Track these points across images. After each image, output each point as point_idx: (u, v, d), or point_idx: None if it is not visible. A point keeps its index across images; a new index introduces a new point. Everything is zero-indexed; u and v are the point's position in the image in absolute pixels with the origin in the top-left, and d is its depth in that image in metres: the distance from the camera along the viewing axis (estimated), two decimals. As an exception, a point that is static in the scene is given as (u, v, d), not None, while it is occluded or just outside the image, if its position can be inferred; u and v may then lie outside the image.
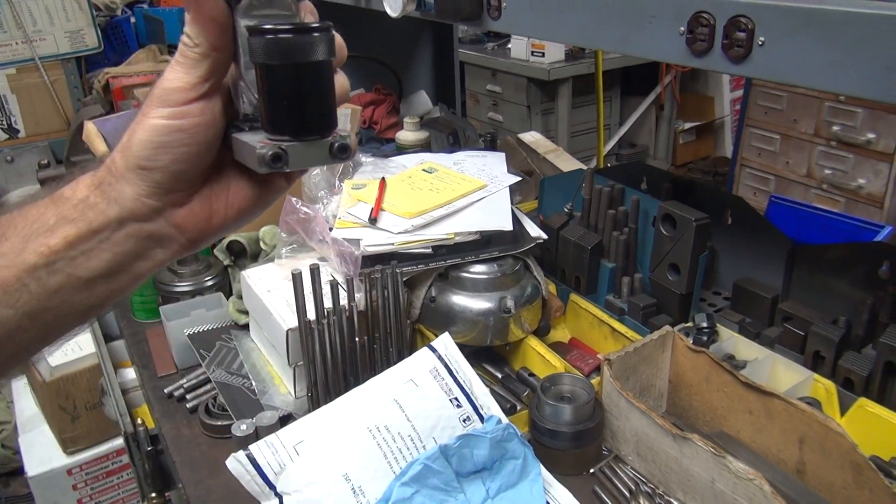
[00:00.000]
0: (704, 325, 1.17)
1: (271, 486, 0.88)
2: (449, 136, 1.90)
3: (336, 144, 0.51)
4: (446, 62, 2.47)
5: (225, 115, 0.52)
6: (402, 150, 1.78)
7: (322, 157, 0.51)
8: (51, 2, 2.69)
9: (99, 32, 2.81)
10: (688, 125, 4.49)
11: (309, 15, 0.51)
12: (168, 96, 0.49)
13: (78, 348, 1.91)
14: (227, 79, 0.53)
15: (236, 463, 0.88)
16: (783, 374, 1.08)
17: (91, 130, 1.54)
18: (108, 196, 0.50)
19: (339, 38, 0.53)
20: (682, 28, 0.75)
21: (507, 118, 4.18)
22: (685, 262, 1.17)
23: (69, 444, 1.96)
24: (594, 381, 1.04)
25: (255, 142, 0.49)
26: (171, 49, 2.59)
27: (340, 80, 0.54)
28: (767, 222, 1.31)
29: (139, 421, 1.31)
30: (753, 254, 1.30)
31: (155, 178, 0.50)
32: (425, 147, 1.78)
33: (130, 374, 1.64)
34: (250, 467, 0.88)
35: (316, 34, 0.48)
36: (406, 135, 1.80)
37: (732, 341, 1.15)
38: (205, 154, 0.51)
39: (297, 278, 1.00)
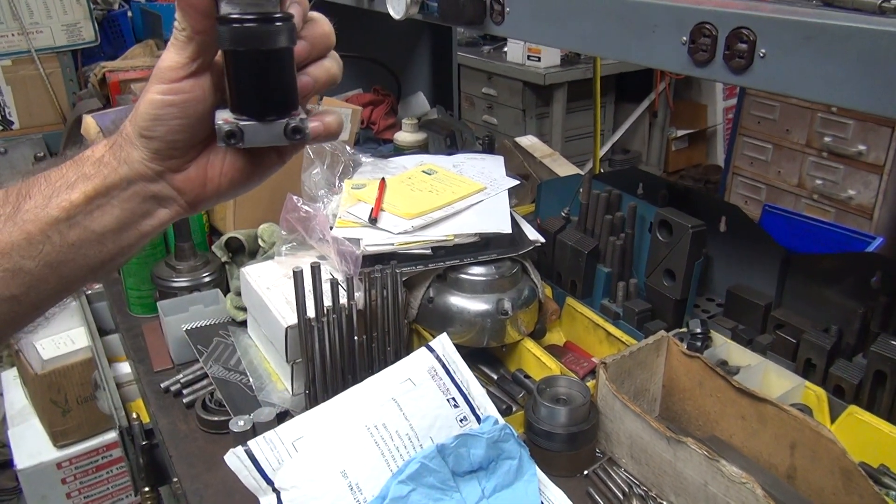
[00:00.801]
0: (698, 330, 1.18)
1: (269, 482, 0.88)
2: (446, 137, 1.91)
3: (290, 125, 0.54)
4: (444, 64, 2.48)
5: (216, 93, 0.56)
6: (399, 150, 1.79)
7: (277, 137, 0.54)
8: (48, -6, 2.68)
9: (96, 26, 2.80)
10: (681, 132, 4.52)
11: (295, 6, 0.54)
12: (163, 74, 0.54)
13: (70, 342, 1.90)
14: (219, 59, 0.56)
15: (235, 458, 0.88)
16: (775, 380, 1.09)
17: (90, 124, 1.54)
18: (120, 157, 0.56)
19: (325, 27, 0.57)
20: (685, 38, 0.76)
21: (501, 121, 4.19)
22: (680, 269, 1.19)
23: (59, 437, 1.95)
24: (589, 383, 1.06)
25: (220, 119, 0.53)
26: (169, 44, 2.58)
27: (326, 66, 0.57)
28: (762, 231, 1.32)
29: (134, 415, 1.31)
30: (747, 261, 1.32)
31: (154, 146, 0.56)
32: (423, 148, 1.80)
33: (124, 368, 1.65)
34: (248, 463, 0.88)
35: (277, 24, 0.51)
36: (404, 136, 1.81)
37: (725, 347, 1.17)
38: (197, 126, 0.56)
39: (297, 276, 1.01)
